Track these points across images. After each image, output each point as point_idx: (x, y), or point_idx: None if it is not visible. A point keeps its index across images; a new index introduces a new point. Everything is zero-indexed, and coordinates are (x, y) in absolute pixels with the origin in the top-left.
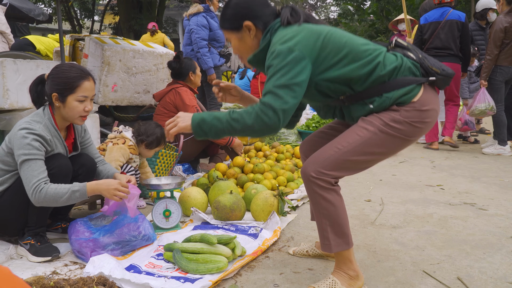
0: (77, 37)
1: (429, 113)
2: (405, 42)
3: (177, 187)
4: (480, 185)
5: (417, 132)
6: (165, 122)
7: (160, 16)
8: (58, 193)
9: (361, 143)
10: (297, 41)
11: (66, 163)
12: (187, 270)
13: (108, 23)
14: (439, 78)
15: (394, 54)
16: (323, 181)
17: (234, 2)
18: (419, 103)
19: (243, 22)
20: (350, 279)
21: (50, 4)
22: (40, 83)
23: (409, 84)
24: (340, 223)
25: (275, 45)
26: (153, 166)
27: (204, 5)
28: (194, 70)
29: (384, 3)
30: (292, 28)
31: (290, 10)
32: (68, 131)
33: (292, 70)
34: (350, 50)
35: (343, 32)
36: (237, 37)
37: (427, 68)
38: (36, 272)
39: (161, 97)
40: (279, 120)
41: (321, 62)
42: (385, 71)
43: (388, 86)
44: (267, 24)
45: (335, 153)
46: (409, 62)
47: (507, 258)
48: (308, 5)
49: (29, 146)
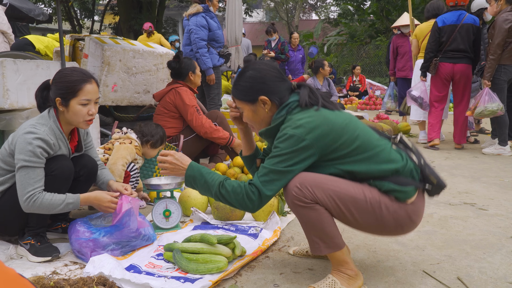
0: (77, 37)
1: (413, 224)
2: (410, 141)
3: (177, 187)
4: (480, 185)
5: (392, 226)
6: (165, 122)
7: (160, 16)
8: (52, 204)
9: (353, 195)
10: (310, 130)
11: (68, 165)
12: (187, 270)
13: (108, 23)
14: (433, 188)
15: (399, 152)
16: (303, 198)
17: (250, 76)
18: (412, 209)
19: (258, 96)
20: (350, 278)
21: (50, 4)
22: (45, 89)
23: (408, 185)
24: (324, 228)
25: (289, 127)
26: (153, 166)
27: (203, 5)
28: (194, 70)
29: (384, 3)
30: (309, 113)
31: (309, 92)
32: (72, 134)
33: (295, 157)
34: (361, 144)
35: (357, 122)
36: (251, 109)
37: (426, 176)
38: (36, 272)
39: (161, 97)
40: (259, 206)
41: (330, 152)
42: (391, 167)
43: (390, 179)
44: (283, 99)
45: (330, 184)
46: (412, 164)
47: (507, 258)
48: (308, 5)
49: (31, 153)
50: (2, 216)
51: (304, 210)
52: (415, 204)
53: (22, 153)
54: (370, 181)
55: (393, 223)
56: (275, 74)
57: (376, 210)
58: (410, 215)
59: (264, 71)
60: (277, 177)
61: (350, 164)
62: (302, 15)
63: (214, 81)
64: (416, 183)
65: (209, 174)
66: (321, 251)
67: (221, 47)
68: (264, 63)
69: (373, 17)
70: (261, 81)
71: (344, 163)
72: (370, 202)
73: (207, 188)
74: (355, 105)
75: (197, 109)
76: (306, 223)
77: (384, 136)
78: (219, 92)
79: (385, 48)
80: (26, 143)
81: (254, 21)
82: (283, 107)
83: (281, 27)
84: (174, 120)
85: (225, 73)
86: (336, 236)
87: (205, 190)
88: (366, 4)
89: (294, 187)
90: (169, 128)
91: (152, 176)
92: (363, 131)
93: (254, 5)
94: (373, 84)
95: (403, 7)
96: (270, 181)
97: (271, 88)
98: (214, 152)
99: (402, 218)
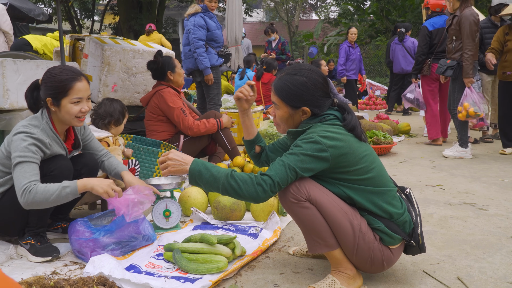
0: (77, 37)
1: (381, 269)
2: (414, 198)
3: (177, 187)
4: (480, 185)
5: (364, 259)
6: (156, 126)
7: (160, 16)
8: (48, 191)
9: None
10: (333, 144)
11: (67, 164)
12: (187, 270)
13: (108, 23)
14: (415, 247)
15: (401, 201)
16: (298, 196)
17: (302, 83)
18: (388, 256)
19: (303, 106)
20: (349, 278)
21: (50, 4)
22: (35, 89)
23: (397, 234)
24: (316, 228)
25: (315, 133)
26: (153, 166)
27: (202, 5)
28: (173, 68)
29: (384, 3)
30: (339, 129)
31: (347, 108)
32: (68, 132)
33: (312, 163)
34: (373, 177)
35: (375, 157)
36: (289, 112)
37: (416, 234)
38: (36, 272)
39: (147, 101)
40: (268, 195)
41: (340, 172)
42: (389, 210)
43: (383, 221)
44: (322, 111)
45: (325, 191)
46: (408, 217)
47: (507, 258)
48: (308, 5)
49: (26, 149)
50: (3, 216)
51: (297, 207)
52: (393, 253)
53: (17, 150)
54: (365, 214)
55: (367, 258)
56: (325, 90)
57: (357, 237)
58: (384, 260)
59: (317, 84)
60: (291, 174)
61: (354, 191)
62: (302, 15)
63: (212, 81)
64: (405, 236)
65: (215, 167)
66: (320, 249)
67: (220, 47)
68: (319, 73)
69: (373, 17)
70: (312, 94)
71: (349, 188)
72: (354, 227)
73: (214, 180)
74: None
75: (183, 110)
76: (302, 221)
77: (394, 183)
78: (218, 92)
79: (385, 48)
80: (20, 140)
81: (254, 21)
82: (317, 116)
83: (281, 27)
84: (165, 124)
85: (225, 73)
86: (331, 235)
87: (210, 184)
88: (366, 4)
89: (293, 186)
90: (162, 132)
91: (152, 176)
92: (378, 167)
93: (254, 5)
94: (373, 84)
95: (403, 7)
96: (285, 175)
97: (318, 102)
98: (213, 151)
99: (377, 258)
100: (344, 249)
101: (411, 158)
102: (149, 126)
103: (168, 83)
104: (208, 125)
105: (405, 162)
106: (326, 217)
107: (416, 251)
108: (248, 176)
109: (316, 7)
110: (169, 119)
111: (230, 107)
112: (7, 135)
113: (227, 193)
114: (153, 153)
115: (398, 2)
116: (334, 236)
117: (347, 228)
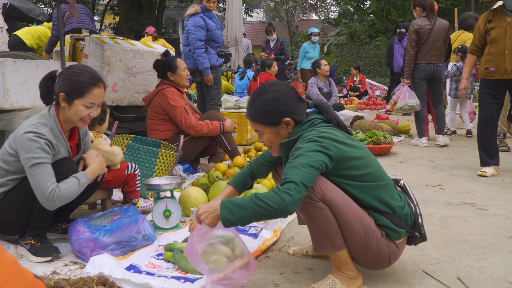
0: (77, 37)
1: (388, 264)
2: (410, 189)
3: (177, 187)
4: (480, 185)
5: (372, 257)
6: (158, 126)
7: (160, 16)
8: (72, 192)
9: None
10: (332, 141)
11: (73, 168)
12: (187, 270)
13: (108, 23)
14: (418, 238)
15: (399, 195)
16: (311, 195)
17: (272, 98)
18: (394, 251)
19: (282, 119)
20: (350, 278)
21: (50, 4)
22: (50, 79)
23: (402, 228)
24: (326, 229)
25: (312, 134)
26: (153, 166)
27: (201, 5)
28: (174, 70)
29: (384, 3)
30: (332, 129)
31: (324, 107)
32: (73, 132)
33: (320, 156)
34: (372, 172)
35: (370, 153)
36: (272, 131)
37: (417, 224)
38: (36, 272)
39: (150, 101)
40: (297, 200)
41: (343, 168)
42: (392, 204)
43: (388, 217)
44: (302, 117)
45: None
46: (408, 210)
47: (507, 258)
48: (308, 5)
49: (39, 149)
50: (5, 217)
51: (311, 207)
52: (398, 247)
53: (30, 151)
54: (370, 212)
55: (375, 256)
56: (295, 95)
57: (367, 236)
58: (391, 255)
59: (285, 92)
60: (308, 170)
61: (357, 189)
62: (302, 15)
63: (212, 81)
64: (409, 228)
65: (239, 198)
66: (327, 250)
67: (220, 47)
68: (282, 83)
69: (373, 17)
70: (285, 103)
71: (352, 186)
72: (365, 226)
73: (243, 209)
74: (355, 105)
75: (185, 109)
76: (313, 221)
77: (389, 178)
78: (218, 92)
79: (385, 48)
80: (32, 141)
81: (254, 21)
82: (304, 122)
83: (281, 27)
84: (167, 123)
85: (225, 73)
86: (340, 236)
87: (241, 215)
88: (366, 4)
89: None
90: (164, 131)
91: (152, 176)
92: (374, 161)
93: (254, 5)
94: (373, 84)
95: (403, 7)
96: (302, 173)
97: (295, 109)
98: (213, 151)
99: (383, 255)
100: (352, 249)
101: (411, 158)
102: (150, 125)
103: (171, 83)
104: (211, 126)
105: (405, 162)
106: (338, 218)
107: (419, 241)
108: (271, 190)
109: (316, 7)
110: (171, 118)
111: (230, 107)
112: (7, 135)
113: (261, 217)
114: (153, 153)
115: (398, 2)
116: (342, 237)
117: (358, 229)
